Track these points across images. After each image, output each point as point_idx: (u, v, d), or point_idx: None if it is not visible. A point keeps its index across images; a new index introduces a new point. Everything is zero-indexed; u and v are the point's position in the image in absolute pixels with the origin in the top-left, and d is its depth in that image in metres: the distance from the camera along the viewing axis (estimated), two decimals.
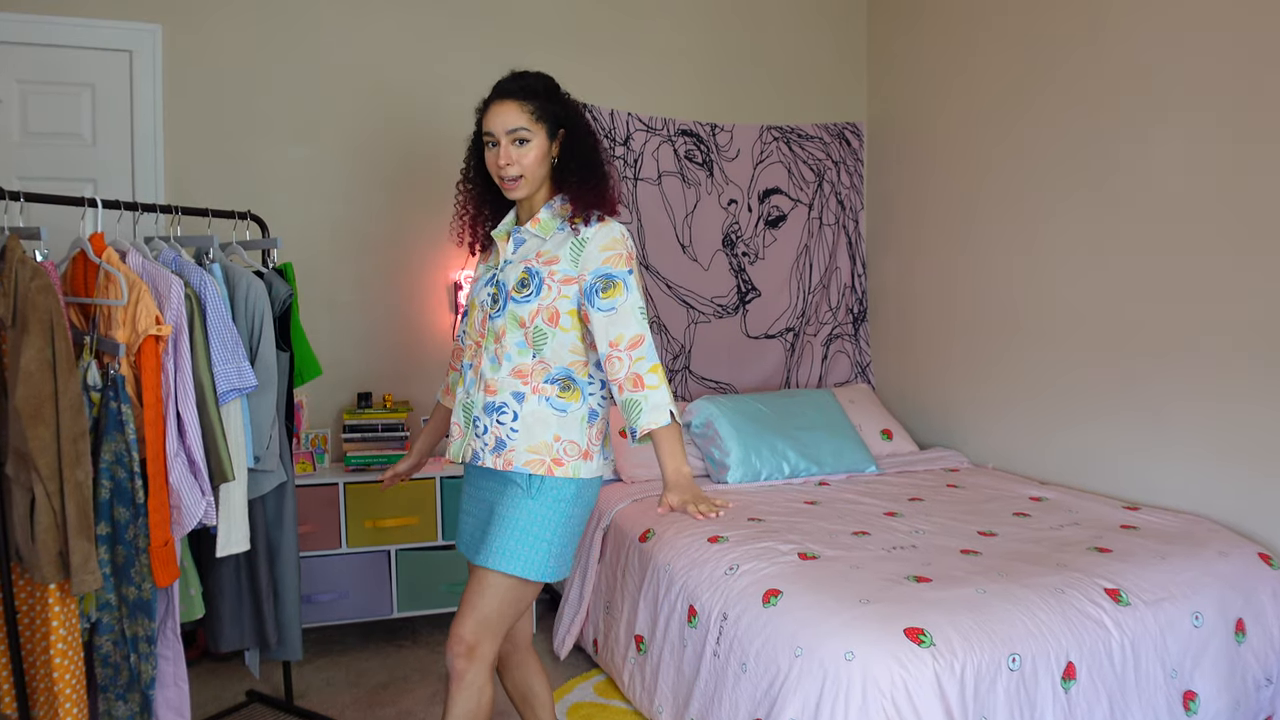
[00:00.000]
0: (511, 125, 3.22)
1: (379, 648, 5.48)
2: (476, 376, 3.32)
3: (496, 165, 3.27)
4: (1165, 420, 4.83)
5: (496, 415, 3.24)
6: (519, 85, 3.28)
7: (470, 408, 3.33)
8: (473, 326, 3.39)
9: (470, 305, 3.45)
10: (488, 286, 3.35)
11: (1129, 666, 3.56)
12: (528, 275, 3.23)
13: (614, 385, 3.15)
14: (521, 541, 3.18)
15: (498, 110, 3.27)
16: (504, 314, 3.24)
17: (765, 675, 3.50)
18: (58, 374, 3.08)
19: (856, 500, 5.10)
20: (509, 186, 3.28)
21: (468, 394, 3.35)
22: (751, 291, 6.78)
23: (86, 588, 3.10)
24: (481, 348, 3.32)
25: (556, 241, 3.28)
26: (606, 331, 3.16)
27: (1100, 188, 5.11)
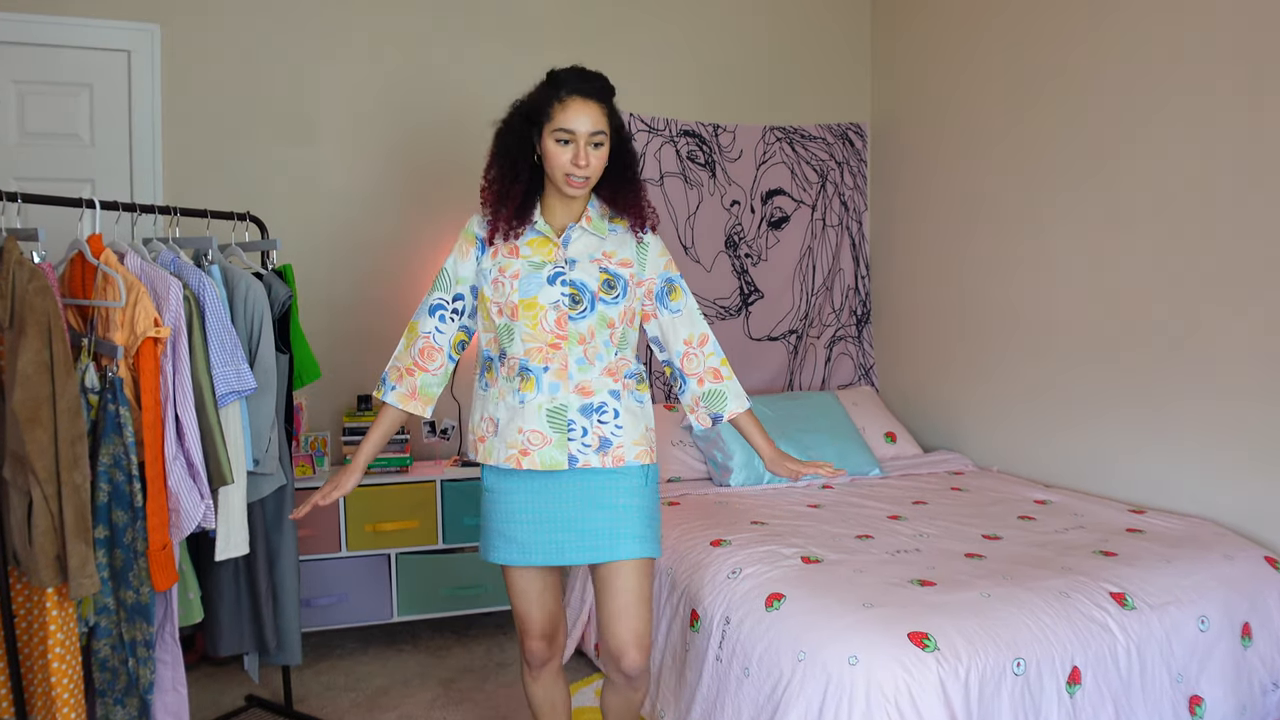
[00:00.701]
0: (594, 128, 3.19)
1: (379, 652, 5.47)
2: (561, 380, 3.28)
3: (569, 163, 3.20)
4: (1171, 422, 4.83)
5: (597, 416, 3.30)
6: (598, 86, 3.25)
7: (561, 412, 3.28)
8: (540, 328, 3.27)
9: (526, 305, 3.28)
10: (557, 286, 3.27)
11: (1134, 671, 3.56)
12: (611, 278, 3.32)
13: (692, 378, 3.50)
14: (650, 526, 3.39)
15: (582, 109, 3.19)
16: (592, 315, 3.28)
17: (768, 680, 3.50)
18: (55, 376, 3.08)
19: (860, 503, 5.10)
20: (575, 185, 3.23)
21: (552, 398, 3.27)
22: (754, 293, 6.78)
23: (84, 591, 3.11)
24: (561, 349, 3.27)
25: (618, 242, 3.39)
26: (678, 331, 3.49)
27: (1105, 188, 5.11)
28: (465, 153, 5.97)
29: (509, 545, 3.37)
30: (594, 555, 3.33)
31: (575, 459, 3.27)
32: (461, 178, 5.99)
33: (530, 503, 3.36)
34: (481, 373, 3.44)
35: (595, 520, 3.32)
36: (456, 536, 5.43)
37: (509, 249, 3.34)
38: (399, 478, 5.42)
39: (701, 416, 3.53)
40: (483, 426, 3.39)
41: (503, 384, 3.33)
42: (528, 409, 3.28)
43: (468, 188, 6.03)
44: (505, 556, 3.38)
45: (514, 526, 3.37)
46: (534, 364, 3.28)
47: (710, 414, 3.51)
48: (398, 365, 3.47)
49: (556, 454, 3.27)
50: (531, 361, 3.28)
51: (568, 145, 3.20)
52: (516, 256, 3.32)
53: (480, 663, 5.28)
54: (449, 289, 3.45)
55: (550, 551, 3.35)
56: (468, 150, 5.97)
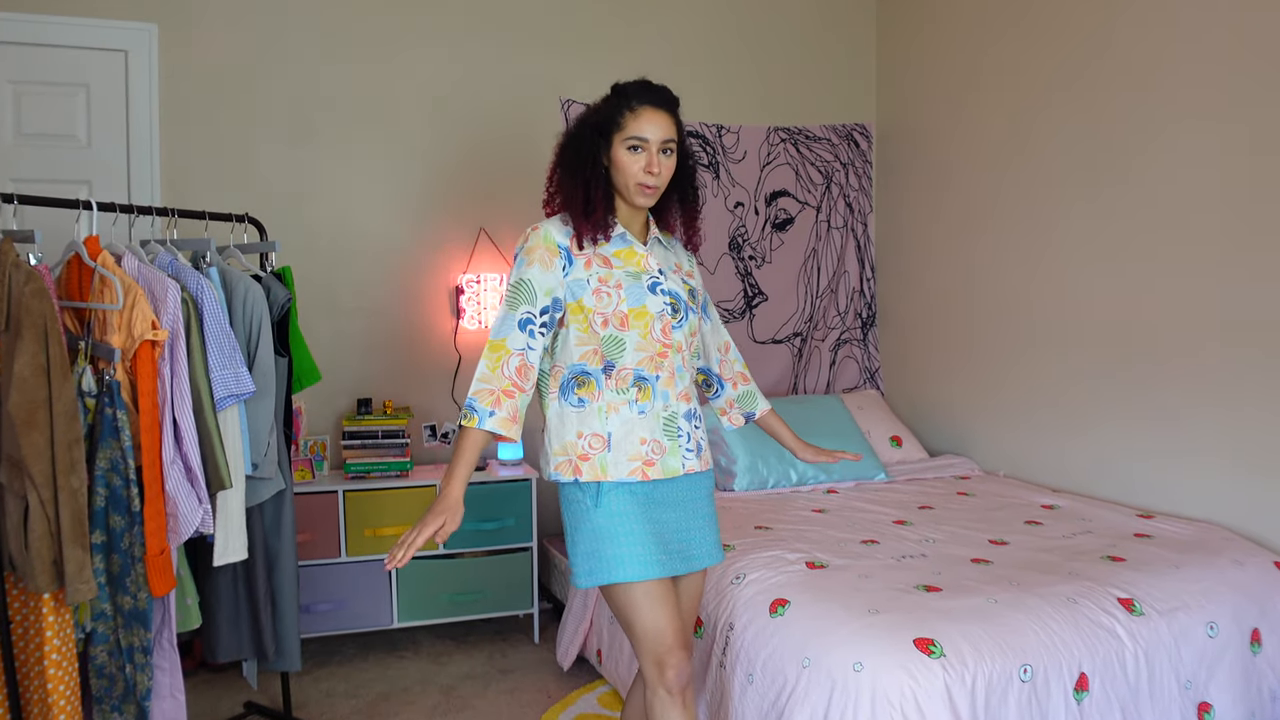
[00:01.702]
0: (666, 135, 3.24)
1: (379, 659, 5.48)
2: (670, 388, 3.32)
3: (641, 170, 3.23)
4: (1180, 427, 4.83)
5: (694, 422, 3.39)
6: (667, 97, 3.32)
7: (673, 419, 3.32)
8: (649, 337, 3.27)
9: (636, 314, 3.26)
10: (659, 295, 3.30)
11: (1143, 677, 3.56)
12: (692, 289, 3.45)
13: (728, 382, 3.76)
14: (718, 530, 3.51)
15: (655, 118, 3.25)
16: (686, 325, 3.36)
17: (772, 686, 3.50)
18: (52, 380, 3.08)
19: (865, 508, 5.10)
20: (647, 192, 3.25)
21: (665, 406, 3.30)
22: (758, 295, 6.78)
23: (81, 597, 3.11)
24: (668, 358, 3.31)
25: (683, 256, 3.55)
26: (715, 339, 3.74)
27: (1113, 191, 5.11)
28: (468, 154, 5.99)
29: (649, 559, 3.23)
30: (706, 559, 3.40)
31: (684, 464, 3.33)
32: (464, 179, 6.00)
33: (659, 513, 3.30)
34: (569, 389, 3.29)
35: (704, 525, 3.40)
36: (457, 542, 5.43)
37: (601, 259, 3.29)
38: (399, 482, 5.43)
39: (735, 417, 3.79)
40: (583, 444, 3.25)
41: (611, 396, 3.26)
42: (648, 419, 3.27)
43: (469, 189, 6.06)
44: (650, 570, 3.21)
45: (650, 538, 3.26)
46: (648, 373, 3.28)
47: (744, 413, 3.78)
48: (490, 388, 3.15)
49: (674, 461, 3.30)
50: (646, 370, 3.28)
51: (639, 153, 3.23)
52: (610, 266, 3.29)
53: (482, 669, 5.28)
54: (535, 302, 3.24)
55: (682, 558, 3.34)
56: (470, 151, 6.00)
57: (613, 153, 3.25)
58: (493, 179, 6.05)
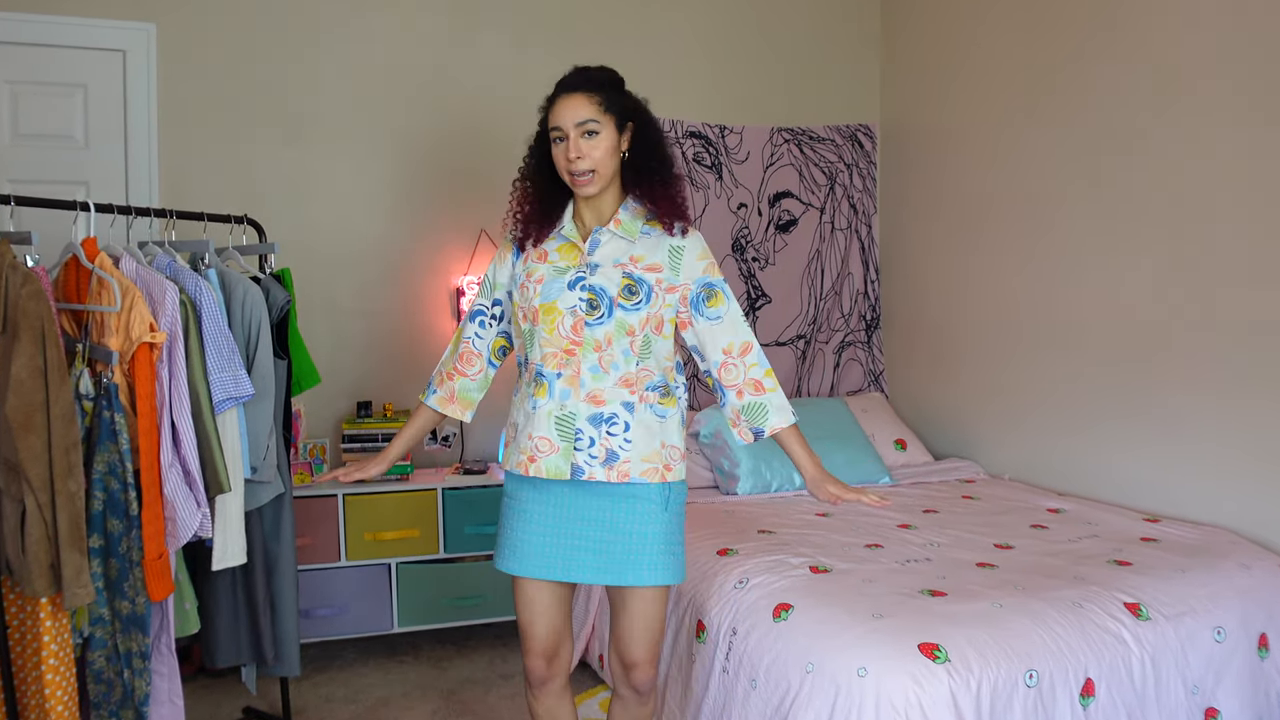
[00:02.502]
0: (580, 117, 3.20)
1: (379, 664, 5.48)
2: (573, 387, 3.26)
3: (566, 160, 3.23)
4: (1186, 430, 4.82)
5: (606, 427, 3.25)
6: (584, 78, 3.28)
7: (569, 420, 3.27)
8: (556, 333, 3.27)
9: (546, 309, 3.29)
10: (577, 291, 3.27)
11: (1149, 683, 3.56)
12: (633, 282, 3.27)
13: (731, 390, 3.38)
14: (666, 551, 3.31)
15: (564, 103, 3.23)
16: (609, 321, 3.25)
17: (776, 692, 3.50)
18: (49, 382, 3.08)
19: (869, 512, 5.09)
20: (581, 182, 3.24)
21: (561, 406, 3.27)
22: (761, 298, 6.78)
23: (79, 602, 3.11)
24: (576, 356, 3.26)
25: (649, 246, 3.34)
26: (717, 340, 3.37)
27: (1118, 191, 5.11)
28: (467, 154, 6.00)
29: (519, 555, 3.36)
30: (611, 577, 3.31)
31: (580, 470, 3.25)
32: (464, 179, 6.01)
33: (545, 514, 3.34)
34: (518, 379, 3.47)
35: (614, 542, 3.29)
36: (458, 546, 5.44)
37: (538, 254, 3.37)
38: (399, 486, 5.42)
39: (743, 431, 3.42)
40: (508, 431, 3.44)
41: (524, 389, 3.38)
42: (538, 415, 3.29)
43: (470, 190, 6.07)
44: (515, 566, 3.37)
45: (527, 536, 3.36)
46: (548, 370, 3.29)
47: (752, 429, 3.39)
48: (441, 370, 3.60)
49: (561, 463, 3.26)
50: (546, 367, 3.29)
51: (562, 143, 3.24)
52: (544, 261, 3.35)
53: (482, 674, 5.28)
54: (489, 295, 3.54)
55: (564, 567, 3.33)
56: (470, 151, 6.00)
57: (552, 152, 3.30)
58: (494, 180, 6.00)
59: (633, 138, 3.32)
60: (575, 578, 3.32)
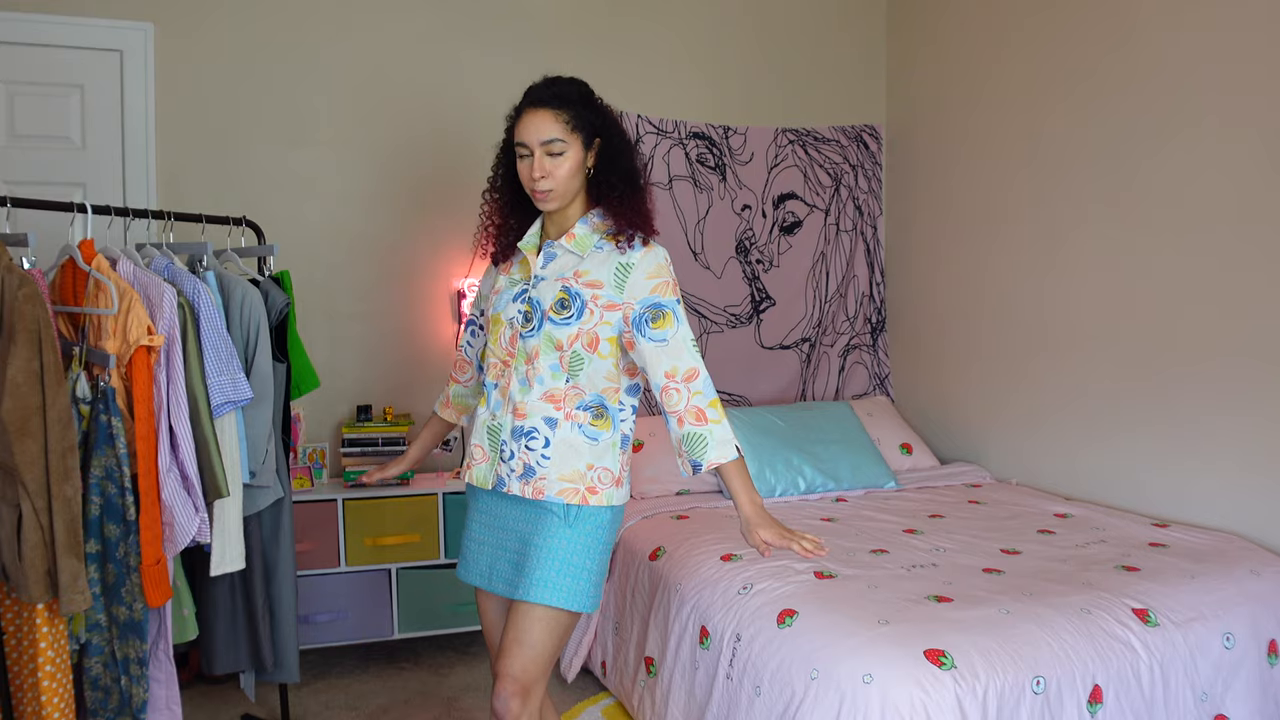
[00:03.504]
0: (546, 136, 3.16)
1: (379, 670, 5.48)
2: (504, 398, 3.27)
3: (529, 177, 3.20)
4: (1195, 434, 4.82)
5: (526, 441, 3.21)
6: (553, 93, 3.22)
7: (497, 431, 3.28)
8: (498, 344, 3.30)
9: (494, 320, 3.35)
10: (517, 303, 3.28)
11: (1158, 690, 3.55)
12: (567, 296, 3.20)
13: (672, 417, 3.21)
14: (563, 573, 3.17)
15: (531, 119, 3.20)
16: (538, 335, 3.20)
17: (780, 699, 3.50)
18: (45, 386, 3.08)
19: (875, 517, 5.10)
20: (541, 198, 3.21)
21: (493, 416, 3.29)
22: (766, 300, 6.78)
23: (76, 608, 3.11)
24: (510, 367, 3.26)
25: (597, 261, 3.24)
26: (660, 363, 3.18)
27: (1129, 193, 5.11)
28: (468, 156, 5.97)
29: (462, 559, 3.52)
30: (507, 587, 3.30)
31: (503, 481, 3.26)
32: (464, 181, 5.99)
33: (477, 520, 3.44)
34: None
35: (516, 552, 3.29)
36: (459, 551, 5.41)
37: (505, 268, 3.44)
38: (400, 490, 5.42)
39: (684, 463, 3.25)
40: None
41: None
42: (477, 423, 3.38)
43: (471, 192, 6.05)
44: (462, 571, 3.52)
45: (467, 541, 3.49)
46: (489, 379, 3.36)
47: (690, 460, 3.21)
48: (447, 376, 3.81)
49: (487, 472, 3.33)
50: (487, 377, 3.36)
51: (527, 159, 3.22)
52: (506, 273, 3.42)
53: (484, 681, 5.28)
54: (479, 304, 3.67)
55: (484, 574, 3.40)
56: (471, 153, 5.97)
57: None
58: None
59: (599, 153, 3.28)
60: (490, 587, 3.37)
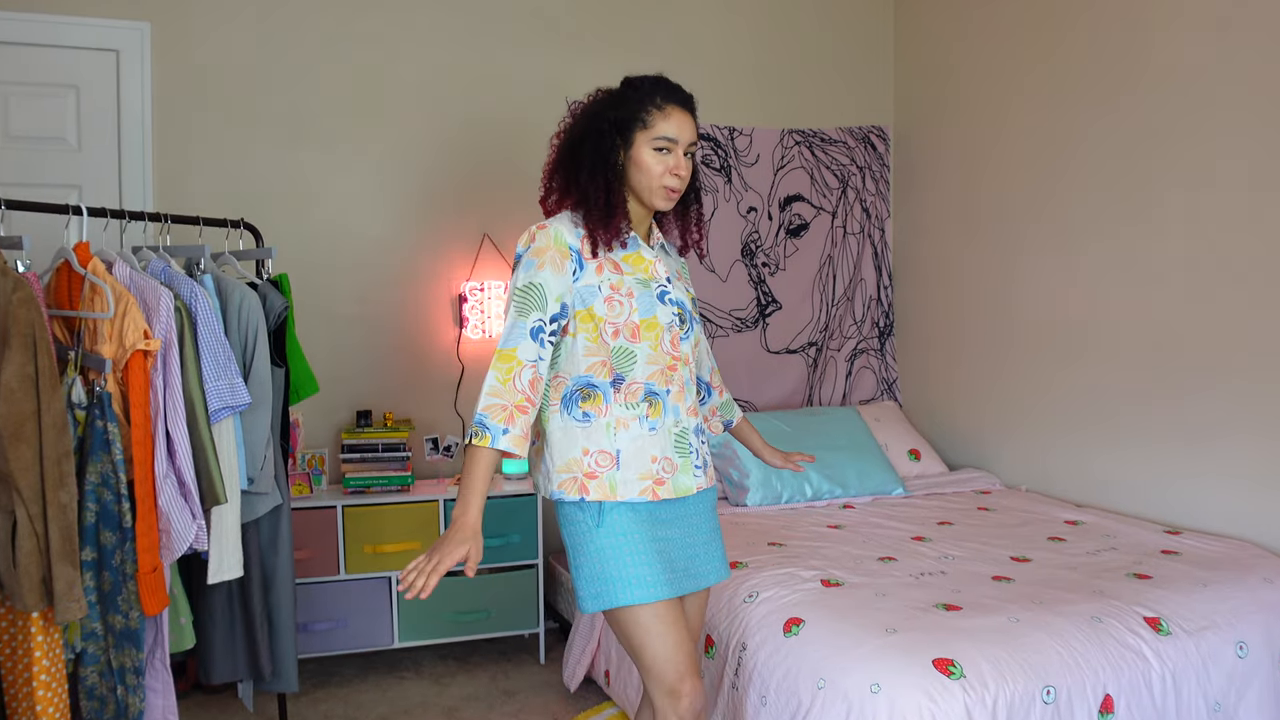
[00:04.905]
0: (692, 137, 3.22)
1: (379, 680, 5.48)
2: (680, 403, 3.26)
3: (666, 171, 3.19)
4: (1208, 441, 4.82)
5: (701, 437, 3.38)
6: (691, 99, 3.29)
7: (684, 435, 3.27)
8: (659, 349, 3.22)
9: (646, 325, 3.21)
10: (665, 304, 3.26)
11: (1170, 699, 3.55)
12: (694, 298, 3.45)
13: (717, 390, 3.78)
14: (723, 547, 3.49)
15: (682, 118, 3.21)
16: (691, 336, 3.36)
17: (786, 708, 3.50)
18: (40, 391, 3.09)
19: (882, 524, 5.10)
20: (671, 195, 3.22)
21: (676, 423, 3.25)
22: (772, 304, 6.78)
23: (71, 616, 3.11)
24: (676, 371, 3.26)
25: (677, 263, 3.50)
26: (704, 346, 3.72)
27: (1141, 195, 5.11)
28: (471, 156, 5.99)
29: (656, 580, 3.15)
30: (712, 576, 3.37)
31: (695, 482, 3.29)
32: (466, 182, 6.01)
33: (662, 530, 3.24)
34: (572, 402, 3.20)
35: (708, 541, 3.37)
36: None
37: (612, 264, 3.22)
38: (400, 497, 5.43)
39: (715, 425, 3.79)
40: (589, 462, 3.16)
41: (620, 411, 3.18)
42: (660, 435, 3.20)
43: (473, 193, 6.06)
44: (658, 591, 3.14)
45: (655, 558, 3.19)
46: (659, 387, 3.21)
47: (723, 421, 3.83)
48: (502, 403, 3.01)
49: (686, 480, 3.25)
50: (657, 384, 3.21)
51: (667, 154, 3.18)
52: (621, 273, 3.22)
53: (485, 691, 5.28)
54: (546, 307, 3.12)
55: (688, 576, 3.29)
56: (474, 154, 6.00)
57: (634, 151, 3.18)
58: (496, 183, 6.04)
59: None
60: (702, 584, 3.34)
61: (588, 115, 3.28)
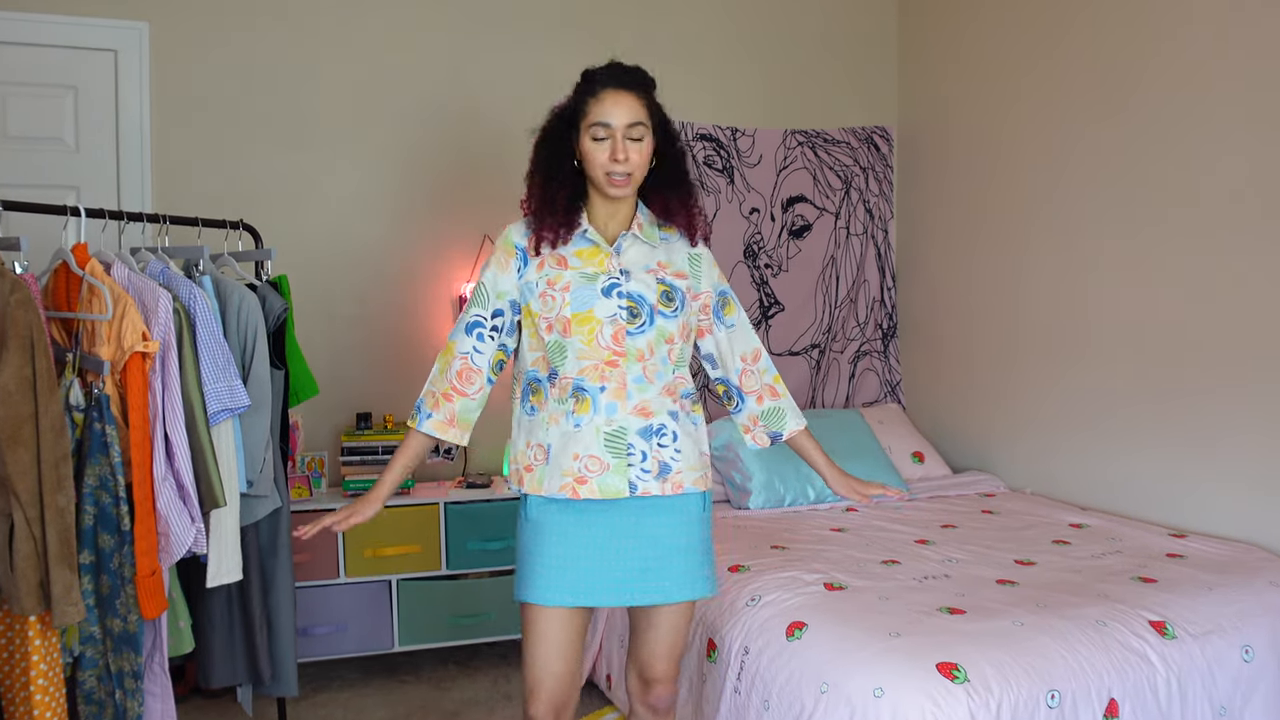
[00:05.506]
0: (631, 118, 3.17)
1: (380, 684, 5.48)
2: (620, 400, 3.21)
3: (608, 159, 3.17)
4: (1214, 443, 4.82)
5: (657, 439, 3.23)
6: (636, 78, 3.24)
7: (620, 435, 3.20)
8: (594, 344, 3.20)
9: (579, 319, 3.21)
10: (612, 298, 3.22)
11: (1175, 703, 3.55)
12: (670, 289, 3.29)
13: (751, 396, 3.51)
14: (706, 562, 3.37)
15: (616, 100, 3.18)
16: (651, 329, 3.23)
17: (789, 713, 3.50)
18: (38, 393, 3.09)
19: (886, 527, 5.10)
20: (617, 183, 3.19)
21: (609, 421, 3.20)
22: (774, 305, 6.78)
23: (69, 620, 3.11)
24: (619, 367, 3.21)
25: (671, 253, 3.38)
26: (734, 347, 3.51)
27: (1146, 196, 5.11)
28: (471, 157, 6.00)
29: (556, 585, 3.23)
30: (677, 593, 3.29)
31: (635, 485, 3.21)
32: (467, 183, 6.01)
33: (589, 536, 3.24)
34: (525, 396, 3.34)
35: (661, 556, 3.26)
36: (461, 562, 5.44)
37: (556, 259, 3.27)
38: (400, 500, 5.42)
39: (759, 436, 3.55)
40: (530, 454, 3.29)
41: (554, 407, 3.24)
42: (584, 433, 3.21)
43: (474, 193, 6.06)
44: (553, 596, 3.23)
45: (568, 563, 3.23)
46: (590, 384, 3.21)
47: (769, 433, 3.53)
48: (433, 390, 3.32)
49: (616, 481, 3.20)
50: (587, 381, 3.21)
51: (604, 141, 3.18)
52: (565, 267, 3.26)
53: (486, 695, 5.28)
54: (487, 305, 3.33)
55: (613, 591, 3.26)
56: (474, 154, 6.00)
57: (581, 143, 3.22)
58: (496, 184, 6.02)
59: (659, 146, 3.31)
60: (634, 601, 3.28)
61: (550, 115, 3.35)
